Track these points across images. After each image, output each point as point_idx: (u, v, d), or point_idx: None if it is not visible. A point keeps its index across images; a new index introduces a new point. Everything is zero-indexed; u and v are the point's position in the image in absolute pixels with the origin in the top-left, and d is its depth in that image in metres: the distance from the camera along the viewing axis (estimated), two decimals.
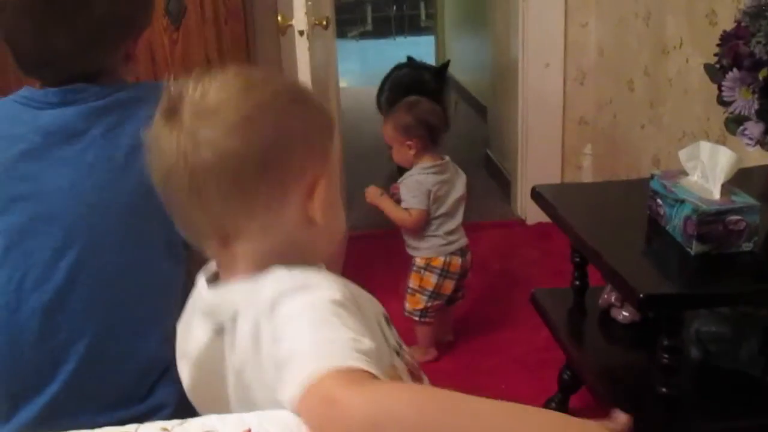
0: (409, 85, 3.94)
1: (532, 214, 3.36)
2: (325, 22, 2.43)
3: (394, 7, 9.42)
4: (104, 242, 1.09)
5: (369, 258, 3.08)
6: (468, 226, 2.46)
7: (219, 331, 0.82)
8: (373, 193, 2.40)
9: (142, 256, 1.12)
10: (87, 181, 1.08)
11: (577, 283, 1.82)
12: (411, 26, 9.13)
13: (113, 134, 1.08)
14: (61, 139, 1.08)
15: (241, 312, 0.78)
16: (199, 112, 0.79)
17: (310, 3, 2.28)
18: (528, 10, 3.23)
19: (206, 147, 0.78)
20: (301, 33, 2.26)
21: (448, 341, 2.50)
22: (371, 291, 0.89)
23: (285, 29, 2.37)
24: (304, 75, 2.30)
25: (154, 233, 1.10)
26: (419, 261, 2.34)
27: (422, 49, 7.50)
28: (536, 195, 1.75)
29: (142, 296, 1.13)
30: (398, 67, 4.30)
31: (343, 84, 4.94)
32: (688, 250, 1.38)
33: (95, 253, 1.08)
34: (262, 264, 0.81)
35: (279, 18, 2.39)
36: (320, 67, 2.61)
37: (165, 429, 0.69)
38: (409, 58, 4.43)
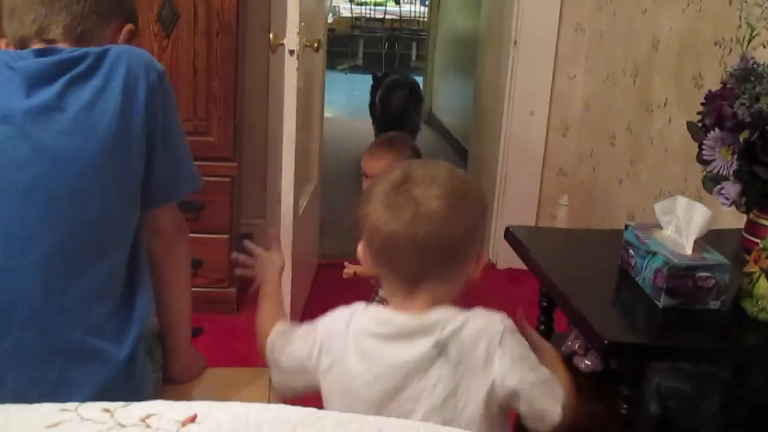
0: (400, 83, 5.18)
1: (504, 258, 3.36)
2: (316, 45, 2.43)
3: (386, 45, 9.49)
4: (63, 163, 1.17)
5: (337, 286, 3.05)
6: None
7: (438, 347, 1.08)
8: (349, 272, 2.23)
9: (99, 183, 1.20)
10: (53, 116, 1.17)
11: (543, 327, 1.80)
12: (401, 65, 9.18)
13: (81, 82, 1.19)
14: (36, 82, 1.18)
15: (472, 333, 1.09)
16: (431, 195, 1.09)
17: (303, 24, 2.28)
18: (518, 58, 3.26)
19: (437, 219, 1.08)
20: (292, 53, 2.26)
21: None
22: None
23: (276, 48, 2.37)
24: (290, 94, 2.30)
25: (121, 175, 1.22)
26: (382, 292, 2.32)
27: None
28: (509, 235, 1.74)
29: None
30: (385, 75, 5.45)
31: (328, 114, 4.96)
32: (657, 302, 1.37)
33: (53, 171, 1.17)
34: (435, 303, 1.12)
35: (271, 36, 2.39)
36: (306, 88, 2.61)
37: (107, 410, 0.67)
38: (374, 74, 5.56)
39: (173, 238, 1.36)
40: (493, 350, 1.08)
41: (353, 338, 1.13)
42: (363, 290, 2.44)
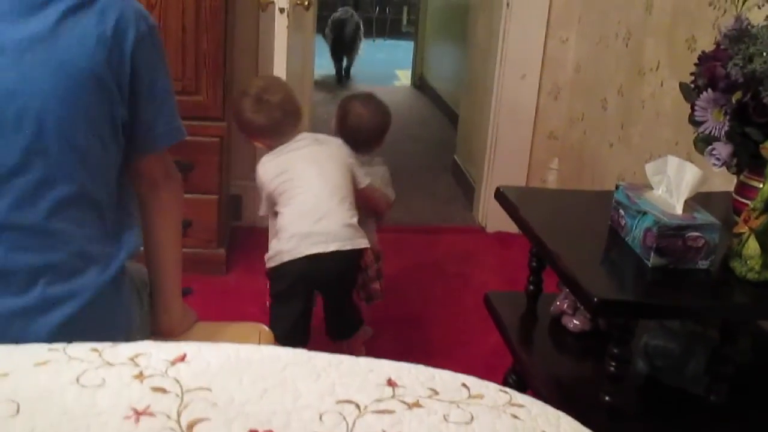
0: (345, 19, 6.82)
1: (493, 221, 3.36)
2: (306, 3, 2.40)
3: (377, 9, 9.40)
4: (50, 93, 1.19)
5: None
6: (429, 229, 2.43)
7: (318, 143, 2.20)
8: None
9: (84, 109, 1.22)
10: (44, 48, 1.18)
11: (532, 288, 1.81)
12: (392, 30, 9.13)
13: (74, 17, 1.20)
14: (25, 9, 1.19)
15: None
16: (275, 96, 2.17)
17: None
18: (510, 22, 3.24)
19: (280, 106, 2.17)
20: (282, 11, 2.24)
21: None
22: None
23: (266, 6, 2.35)
24: (280, 53, 2.28)
25: (103, 112, 1.24)
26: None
27: (401, 52, 7.50)
28: (500, 195, 1.74)
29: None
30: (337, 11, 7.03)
31: (317, 77, 4.93)
32: (646, 261, 1.37)
33: (40, 101, 1.18)
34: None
35: None
36: (297, 47, 2.59)
37: (96, 349, 0.66)
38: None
39: (158, 182, 1.38)
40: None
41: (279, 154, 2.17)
42: None
